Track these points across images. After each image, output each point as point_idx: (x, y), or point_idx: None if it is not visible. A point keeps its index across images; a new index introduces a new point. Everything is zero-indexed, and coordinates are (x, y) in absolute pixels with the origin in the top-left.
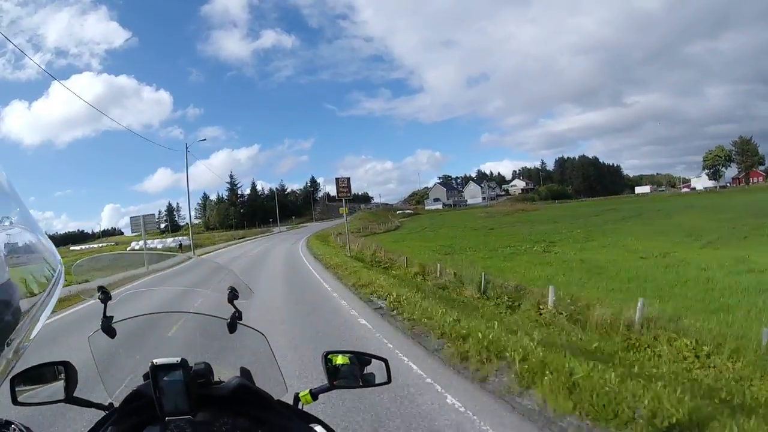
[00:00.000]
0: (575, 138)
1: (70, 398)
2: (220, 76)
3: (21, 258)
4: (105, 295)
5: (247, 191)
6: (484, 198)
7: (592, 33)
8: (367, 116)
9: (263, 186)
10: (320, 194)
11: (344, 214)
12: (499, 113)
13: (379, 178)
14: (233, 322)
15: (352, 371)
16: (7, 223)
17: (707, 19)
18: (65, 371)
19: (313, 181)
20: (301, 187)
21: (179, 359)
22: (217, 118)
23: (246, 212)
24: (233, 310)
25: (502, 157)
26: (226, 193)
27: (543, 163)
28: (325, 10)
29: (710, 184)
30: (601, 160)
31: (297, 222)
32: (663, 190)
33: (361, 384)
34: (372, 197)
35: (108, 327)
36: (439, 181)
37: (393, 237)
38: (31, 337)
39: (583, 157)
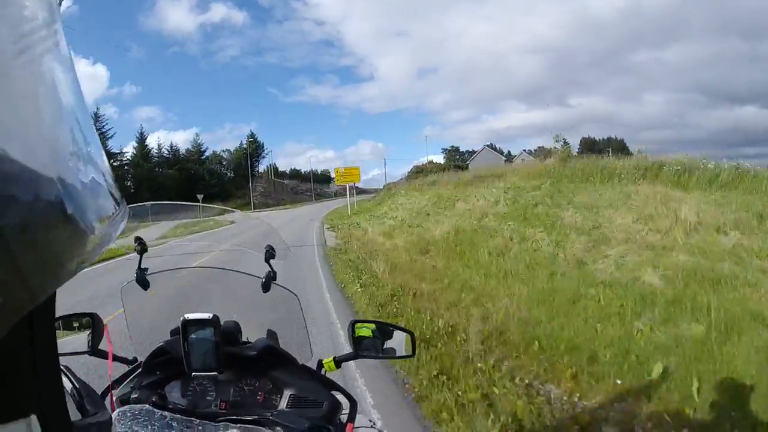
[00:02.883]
0: (515, 135)
1: (94, 350)
2: (161, 52)
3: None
4: (141, 246)
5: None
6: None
7: (543, 34)
8: (311, 103)
9: (163, 141)
10: (262, 168)
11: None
12: (444, 107)
13: (321, 166)
14: (268, 282)
15: (374, 343)
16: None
17: (655, 30)
18: (92, 323)
19: (254, 141)
20: (234, 149)
21: (211, 315)
22: (156, 98)
23: (125, 187)
24: (268, 269)
25: (441, 150)
26: None
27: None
28: None
29: None
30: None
31: (218, 212)
32: None
33: (385, 355)
34: (333, 177)
35: (142, 278)
36: (487, 145)
37: None
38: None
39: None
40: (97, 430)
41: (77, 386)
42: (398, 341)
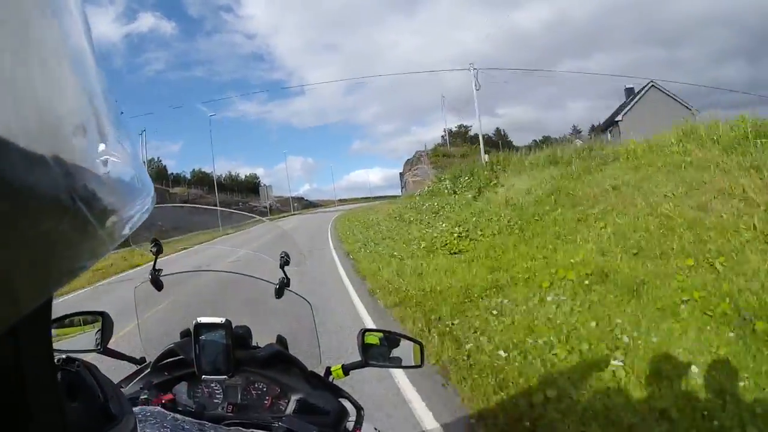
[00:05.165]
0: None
1: (103, 349)
2: None
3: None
4: (157, 247)
5: None
6: None
7: (471, 47)
8: (240, 118)
9: None
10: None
11: None
12: (374, 120)
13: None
14: (281, 288)
15: (381, 351)
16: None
17: (578, 42)
18: (102, 322)
19: None
20: None
21: (224, 320)
22: None
23: None
24: (282, 275)
25: (372, 164)
26: None
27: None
28: None
29: None
30: None
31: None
32: None
33: (393, 364)
34: (265, 184)
35: (156, 279)
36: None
37: None
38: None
39: None
40: None
41: (103, 387)
42: (405, 350)
